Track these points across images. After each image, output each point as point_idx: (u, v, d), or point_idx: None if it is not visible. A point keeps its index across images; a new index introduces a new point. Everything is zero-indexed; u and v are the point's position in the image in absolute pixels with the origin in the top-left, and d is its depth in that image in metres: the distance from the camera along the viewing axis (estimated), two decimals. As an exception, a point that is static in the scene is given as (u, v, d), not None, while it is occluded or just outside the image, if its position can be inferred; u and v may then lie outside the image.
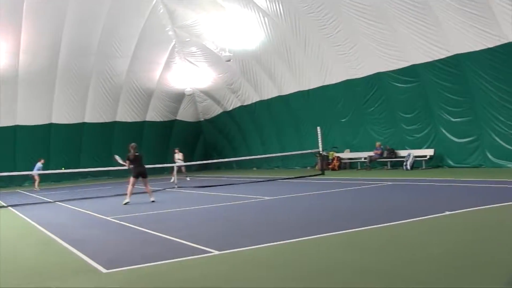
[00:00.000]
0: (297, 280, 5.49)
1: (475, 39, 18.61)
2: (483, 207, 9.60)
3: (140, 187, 17.01)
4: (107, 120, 34.85)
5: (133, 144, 15.80)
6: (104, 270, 6.41)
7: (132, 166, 15.42)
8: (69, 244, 8.50)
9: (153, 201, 15.06)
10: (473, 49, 18.92)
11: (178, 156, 27.62)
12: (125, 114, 35.59)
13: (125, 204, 14.68)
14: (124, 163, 16.01)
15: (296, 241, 7.55)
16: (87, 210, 14.18)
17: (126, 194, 15.35)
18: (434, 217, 8.85)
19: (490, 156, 19.71)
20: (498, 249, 6.21)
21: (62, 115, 32.90)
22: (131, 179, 15.36)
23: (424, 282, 4.99)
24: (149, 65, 33.78)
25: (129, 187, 15.27)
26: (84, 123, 33.94)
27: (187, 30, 31.19)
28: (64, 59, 30.57)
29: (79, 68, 31.54)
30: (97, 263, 6.82)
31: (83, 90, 32.73)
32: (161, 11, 30.46)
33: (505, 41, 17.80)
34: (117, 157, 16.81)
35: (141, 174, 15.40)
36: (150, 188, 15.87)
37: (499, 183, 14.02)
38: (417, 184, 15.40)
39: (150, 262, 6.67)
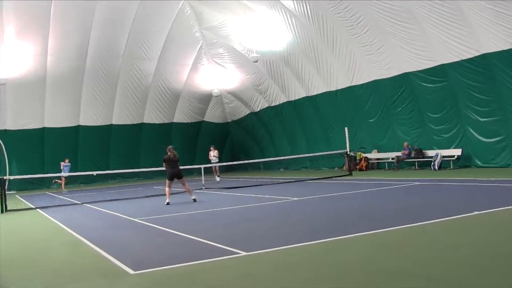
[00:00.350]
0: (326, 280, 5.52)
1: (504, 38, 18.36)
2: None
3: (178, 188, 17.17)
4: (134, 122, 35.21)
5: (170, 146, 16.23)
6: (131, 272, 6.51)
7: (166, 168, 15.85)
8: (97, 246, 8.64)
9: (194, 200, 15.52)
10: (502, 48, 18.68)
11: (214, 153, 27.54)
12: (152, 116, 35.93)
13: (166, 204, 15.02)
14: None
15: (325, 241, 7.56)
16: (114, 212, 14.38)
17: (163, 195, 15.67)
18: (463, 217, 8.79)
19: (518, 156, 19.42)
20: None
21: (89, 117, 33.31)
22: (167, 181, 15.82)
23: (455, 283, 4.96)
24: (176, 67, 34.05)
25: (166, 188, 15.73)
26: (111, 125, 34.34)
27: (214, 32, 31.36)
28: (91, 61, 30.99)
29: (106, 70, 31.94)
30: (124, 264, 6.93)
31: (110, 92, 33.11)
32: (188, 12, 30.69)
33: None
34: None
35: (175, 175, 15.73)
36: (189, 187, 16.22)
37: (529, 183, 13.82)
38: (445, 184, 15.24)
39: (177, 264, 6.76)
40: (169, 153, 15.81)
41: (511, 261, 5.71)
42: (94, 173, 25.58)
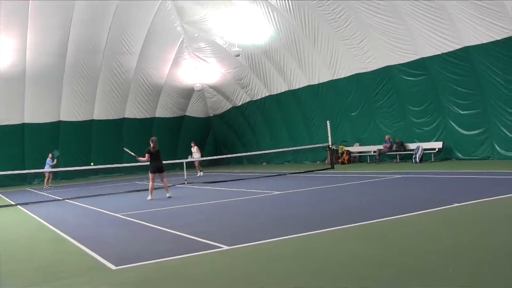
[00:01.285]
0: (309, 273, 5.55)
1: (484, 32, 18.52)
2: (491, 198, 9.63)
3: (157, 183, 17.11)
4: (116, 117, 35.01)
5: (153, 137, 15.69)
6: (114, 267, 6.49)
7: (150, 161, 15.45)
8: (79, 242, 8.59)
9: (169, 197, 15.17)
10: (482, 42, 18.85)
11: (194, 149, 28.07)
12: (134, 111, 35.74)
13: (150, 199, 14.89)
14: (135, 155, 16.09)
15: (308, 234, 7.61)
16: (97, 208, 14.29)
17: (146, 190, 15.45)
18: (443, 209, 8.90)
19: (498, 148, 19.64)
20: (506, 240, 6.22)
21: (71, 113, 33.02)
22: (150, 175, 15.43)
23: (436, 273, 5.03)
24: (157, 61, 33.86)
25: (150, 183, 15.36)
26: (93, 120, 34.11)
27: (196, 26, 31.22)
28: (71, 57, 30.66)
29: (87, 65, 31.66)
30: (107, 260, 6.90)
31: (91, 88, 32.86)
32: (169, 7, 30.49)
33: (514, 34, 17.77)
34: (127, 150, 16.85)
35: (159, 169, 15.46)
36: (167, 183, 15.92)
37: (506, 174, 14.04)
38: (426, 177, 15.40)
39: (160, 258, 6.75)
40: (152, 144, 15.41)
41: (490, 251, 5.80)
42: (93, 164, 25.44)
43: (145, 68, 33.71)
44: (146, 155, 15.45)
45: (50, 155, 26.81)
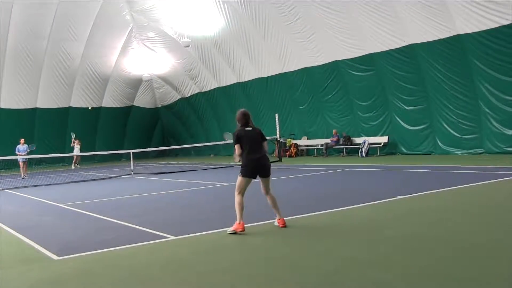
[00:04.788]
0: (254, 262, 5.58)
1: (429, 30, 19.12)
2: (432, 191, 9.94)
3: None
4: (61, 106, 34.08)
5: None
6: (56, 257, 6.32)
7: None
8: (19, 233, 8.32)
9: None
10: (427, 40, 19.41)
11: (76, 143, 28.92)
12: (80, 100, 34.92)
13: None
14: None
15: (255, 225, 7.64)
16: (38, 197, 13.89)
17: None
18: (387, 201, 9.11)
19: (440, 143, 20.30)
20: (445, 231, 6.41)
21: (12, 100, 31.94)
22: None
23: (378, 263, 5.13)
24: (105, 50, 33.13)
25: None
26: (36, 109, 33.08)
27: (145, 15, 30.71)
28: (13, 41, 29.57)
29: (30, 51, 30.63)
30: (49, 250, 6.72)
31: (35, 74, 31.85)
32: (118, -6, 29.90)
33: (455, 33, 18.41)
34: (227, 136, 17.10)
35: None
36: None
37: (447, 168, 14.55)
38: (372, 170, 15.71)
39: (103, 249, 6.63)
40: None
41: (429, 241, 5.96)
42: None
43: (91, 56, 32.93)
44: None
45: (22, 140, 24.77)
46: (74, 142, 29.29)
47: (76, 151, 28.54)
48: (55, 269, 5.87)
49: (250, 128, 7.88)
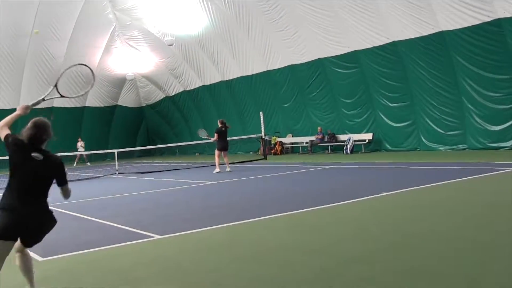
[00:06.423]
0: (241, 260, 5.57)
1: (412, 27, 19.28)
2: (417, 187, 10.02)
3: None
4: (44, 106, 33.45)
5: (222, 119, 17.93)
6: (40, 259, 6.26)
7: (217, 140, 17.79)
8: None
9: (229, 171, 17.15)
10: (410, 37, 19.56)
11: (80, 143, 29.51)
12: (63, 100, 34.53)
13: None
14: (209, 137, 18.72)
15: (239, 223, 7.62)
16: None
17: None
18: (372, 198, 9.14)
19: (424, 140, 20.46)
20: (429, 225, 6.47)
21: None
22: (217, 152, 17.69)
23: (363, 259, 5.15)
24: (88, 49, 32.75)
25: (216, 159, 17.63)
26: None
27: (128, 14, 30.49)
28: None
29: (11, 50, 30.18)
30: (33, 251, 6.63)
31: (17, 74, 31.34)
32: (101, -7, 29.65)
33: (438, 30, 18.58)
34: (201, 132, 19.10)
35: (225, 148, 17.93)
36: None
37: (431, 165, 14.71)
38: (357, 167, 15.80)
39: (88, 249, 6.58)
40: (220, 125, 18.56)
41: (414, 237, 6.01)
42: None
43: (74, 55, 32.50)
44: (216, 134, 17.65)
45: None
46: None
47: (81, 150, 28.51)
48: (40, 270, 5.81)
49: None
